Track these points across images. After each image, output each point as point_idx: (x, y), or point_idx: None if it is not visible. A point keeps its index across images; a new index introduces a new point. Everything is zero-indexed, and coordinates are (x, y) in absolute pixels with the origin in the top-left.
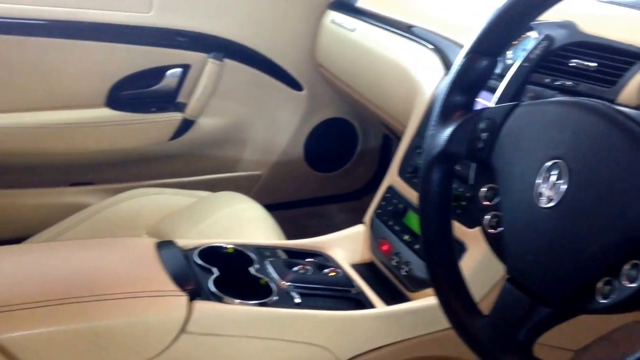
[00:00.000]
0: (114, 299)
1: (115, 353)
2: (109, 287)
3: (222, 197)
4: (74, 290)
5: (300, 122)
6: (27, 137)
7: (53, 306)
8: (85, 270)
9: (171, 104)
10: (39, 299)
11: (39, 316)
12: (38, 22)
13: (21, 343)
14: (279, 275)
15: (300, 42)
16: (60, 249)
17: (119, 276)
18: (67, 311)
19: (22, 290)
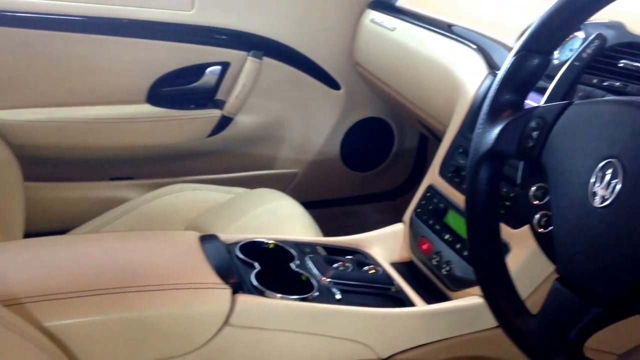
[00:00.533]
0: (160, 290)
1: (160, 343)
2: (155, 278)
3: (260, 194)
4: (121, 280)
5: (337, 121)
6: (71, 132)
7: (101, 295)
8: (132, 261)
9: (210, 101)
10: (88, 288)
11: (88, 305)
12: (83, 19)
13: (70, 330)
14: (319, 272)
15: (339, 41)
16: (106, 240)
17: (164, 268)
18: (114, 301)
19: (72, 279)
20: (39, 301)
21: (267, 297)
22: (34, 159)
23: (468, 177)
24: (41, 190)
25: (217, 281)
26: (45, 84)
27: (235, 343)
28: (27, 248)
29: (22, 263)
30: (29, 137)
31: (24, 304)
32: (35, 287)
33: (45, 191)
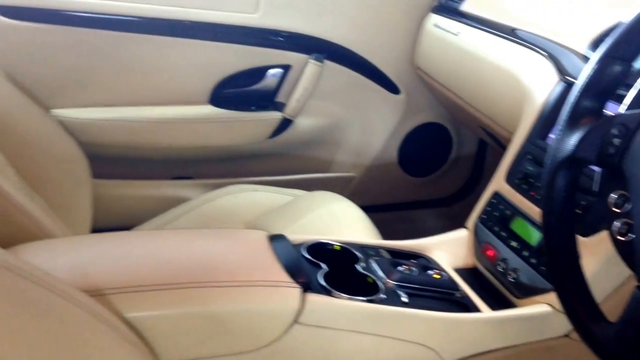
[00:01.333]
0: (233, 287)
1: (232, 338)
2: (228, 274)
3: (319, 197)
4: (197, 275)
5: (396, 126)
6: (135, 131)
7: (179, 289)
8: (205, 257)
9: (270, 103)
10: (167, 282)
11: (167, 298)
12: (151, 21)
13: (149, 322)
14: (384, 274)
15: (400, 45)
16: (179, 236)
17: (237, 265)
18: (191, 295)
19: (151, 273)
20: (120, 293)
21: (335, 297)
22: (100, 157)
23: (545, 183)
24: (106, 187)
25: (287, 280)
26: (112, 84)
27: (304, 341)
28: (106, 241)
29: (103, 256)
30: (96, 135)
31: (106, 295)
32: (116, 280)
33: (110, 188)
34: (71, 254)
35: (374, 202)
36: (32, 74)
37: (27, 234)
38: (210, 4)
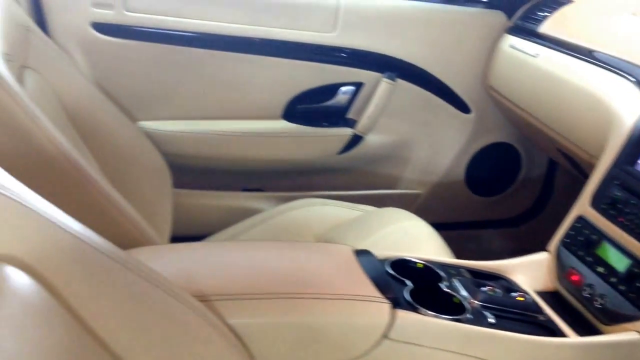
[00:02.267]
0: (328, 299)
1: (325, 349)
2: (322, 287)
3: (389, 213)
4: (292, 286)
5: (464, 145)
6: (213, 143)
7: (277, 299)
8: (299, 269)
9: (341, 120)
10: (265, 292)
11: (267, 307)
12: (232, 38)
13: (249, 329)
14: (469, 294)
15: (473, 65)
16: (271, 247)
17: (329, 278)
18: (288, 305)
19: (252, 282)
20: (224, 300)
21: (422, 314)
22: (179, 167)
23: None
24: (183, 196)
25: (377, 295)
26: (195, 98)
27: (392, 356)
28: (208, 250)
29: (206, 263)
30: (178, 147)
31: (211, 301)
32: (220, 287)
33: (186, 197)
34: (176, 260)
35: (439, 220)
36: (121, 87)
37: (131, 240)
38: (290, 23)
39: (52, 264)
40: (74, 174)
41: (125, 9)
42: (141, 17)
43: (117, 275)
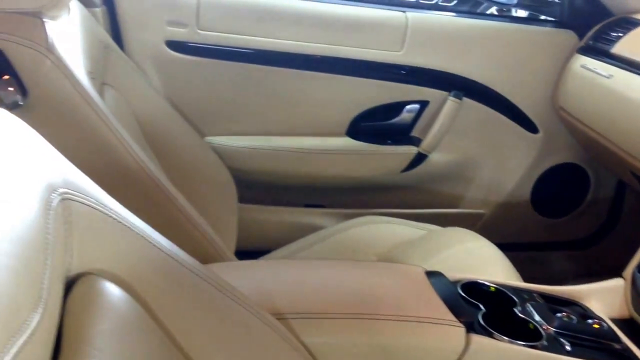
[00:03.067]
0: (402, 321)
1: None
2: (396, 308)
3: (454, 233)
4: (367, 307)
5: (531, 165)
6: (278, 159)
7: (352, 319)
8: (372, 289)
9: (405, 138)
10: (340, 311)
11: (341, 327)
12: (301, 56)
13: (324, 349)
14: (543, 320)
15: (542, 84)
16: (343, 266)
17: (403, 299)
18: (363, 326)
19: (327, 301)
20: (300, 318)
21: (497, 339)
22: (244, 182)
23: None
24: (247, 211)
25: (451, 318)
26: (262, 115)
27: None
28: (281, 267)
29: (280, 281)
30: (244, 162)
31: (287, 319)
32: (296, 305)
33: (249, 212)
34: (252, 277)
35: (503, 241)
36: (191, 103)
37: (206, 256)
38: (359, 42)
39: (144, 279)
40: (153, 189)
41: (199, 28)
42: (213, 36)
43: (202, 292)
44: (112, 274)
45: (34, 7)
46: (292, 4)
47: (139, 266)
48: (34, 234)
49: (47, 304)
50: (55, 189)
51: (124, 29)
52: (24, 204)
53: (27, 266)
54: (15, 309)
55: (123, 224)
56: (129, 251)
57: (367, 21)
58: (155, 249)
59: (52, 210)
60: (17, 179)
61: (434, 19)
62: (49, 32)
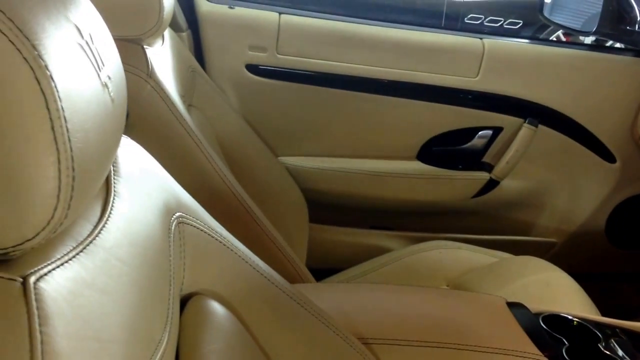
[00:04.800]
0: (486, 352)
1: None
2: (480, 339)
3: (527, 261)
4: (450, 336)
5: (607, 195)
6: (348, 181)
7: (436, 348)
8: (455, 318)
9: (476, 163)
10: (424, 339)
11: (425, 355)
12: (376, 81)
13: None
14: (628, 356)
15: (621, 113)
16: (422, 293)
17: (486, 330)
18: (446, 355)
19: (409, 328)
20: (383, 344)
21: None
22: (314, 202)
23: None
24: (316, 231)
25: (536, 352)
26: (334, 137)
27: None
28: (362, 291)
29: (362, 305)
30: (314, 182)
31: (370, 344)
32: (379, 330)
33: (318, 232)
34: (334, 299)
35: (575, 271)
36: (266, 124)
37: (290, 277)
38: (434, 67)
39: (244, 300)
40: (241, 211)
41: (278, 52)
42: (290, 60)
43: (296, 314)
44: (217, 294)
45: (137, 34)
46: (368, 30)
47: (240, 287)
48: (161, 258)
49: (172, 322)
50: (173, 212)
51: (206, 52)
52: (150, 227)
53: (157, 287)
54: (151, 329)
55: (225, 246)
56: (231, 272)
57: (443, 47)
58: (253, 270)
59: (172, 233)
60: (142, 201)
61: (511, 45)
62: (149, 58)
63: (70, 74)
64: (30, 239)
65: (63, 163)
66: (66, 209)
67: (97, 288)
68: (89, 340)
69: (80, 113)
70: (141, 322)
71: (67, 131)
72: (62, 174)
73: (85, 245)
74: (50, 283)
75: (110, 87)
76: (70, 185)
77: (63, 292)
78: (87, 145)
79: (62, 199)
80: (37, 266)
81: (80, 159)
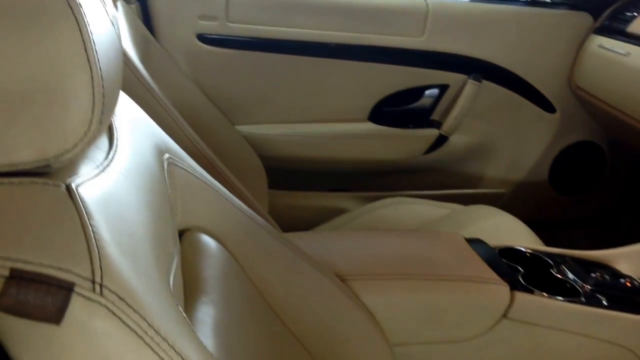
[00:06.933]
0: (452, 280)
1: (448, 327)
2: (446, 269)
3: (479, 210)
4: (418, 268)
5: (548, 144)
6: (303, 146)
7: (407, 280)
8: (419, 253)
9: (426, 121)
10: (396, 272)
11: (397, 286)
12: (324, 45)
13: (381, 306)
14: (579, 279)
15: (559, 65)
16: (390, 235)
17: (450, 261)
18: (417, 285)
19: (381, 264)
20: (359, 280)
21: (539, 296)
22: (272, 169)
23: None
24: (275, 196)
25: (495, 277)
26: (288, 103)
27: (510, 335)
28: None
29: (339, 249)
30: (271, 149)
31: (348, 280)
32: (355, 268)
33: (277, 198)
34: (309, 245)
35: (523, 219)
36: (221, 93)
37: None
38: (381, 29)
39: (233, 237)
40: (211, 170)
41: (228, 21)
42: (241, 28)
43: (281, 253)
44: (206, 229)
45: None
46: None
47: (229, 225)
48: (163, 189)
49: (177, 247)
50: (163, 153)
51: (156, 24)
52: (150, 163)
53: (164, 211)
54: (166, 244)
55: (210, 187)
56: (220, 212)
57: (389, 9)
58: (236, 209)
59: (165, 172)
60: (140, 139)
61: (454, 5)
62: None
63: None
64: (70, 149)
65: (96, 80)
66: (98, 123)
67: (121, 201)
68: (125, 236)
69: (102, 40)
70: (159, 235)
71: (96, 53)
72: (96, 90)
73: (104, 168)
74: (87, 189)
75: (114, 25)
76: (101, 101)
77: (99, 198)
78: (109, 69)
79: (96, 113)
80: (72, 178)
81: (107, 79)
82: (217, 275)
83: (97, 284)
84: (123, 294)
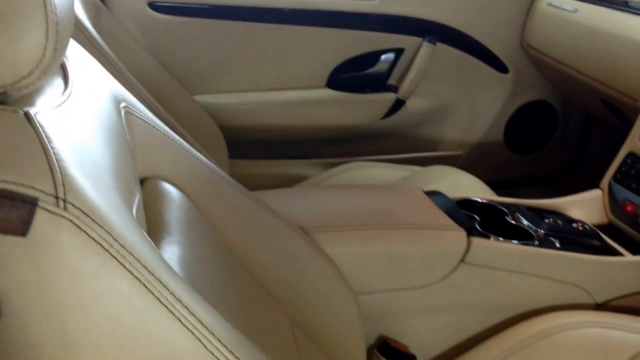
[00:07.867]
0: (411, 229)
1: (409, 274)
2: (404, 218)
3: (438, 170)
4: (378, 219)
5: (503, 104)
6: (261, 114)
7: (367, 230)
8: (381, 205)
9: (383, 86)
10: (356, 224)
11: (359, 237)
12: (277, 10)
13: (344, 257)
14: (533, 225)
15: (510, 24)
16: (353, 190)
17: (409, 211)
18: (376, 235)
19: (342, 217)
20: (322, 232)
21: (495, 240)
22: (232, 138)
23: None
24: (236, 166)
25: (453, 224)
26: (244, 71)
27: (469, 279)
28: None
29: (302, 204)
30: (231, 119)
31: (311, 233)
32: (317, 222)
33: (238, 167)
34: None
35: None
36: (177, 63)
37: None
38: None
39: (194, 186)
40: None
41: None
42: None
43: (241, 202)
44: (169, 180)
45: None
46: None
47: (189, 175)
48: (121, 132)
49: (138, 187)
50: (120, 102)
51: None
52: (107, 108)
53: (124, 153)
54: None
55: (169, 137)
56: (179, 162)
57: None
58: (202, 164)
59: (123, 119)
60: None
61: None
62: None
63: None
64: (25, 76)
65: (49, 7)
66: (53, 51)
67: (80, 133)
68: (87, 162)
69: None
70: (119, 171)
71: None
72: (49, 17)
73: (61, 103)
74: (46, 117)
75: None
76: (55, 29)
77: (58, 125)
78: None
79: (50, 40)
80: (30, 108)
81: (60, 7)
82: (181, 218)
83: (61, 199)
84: (87, 210)
